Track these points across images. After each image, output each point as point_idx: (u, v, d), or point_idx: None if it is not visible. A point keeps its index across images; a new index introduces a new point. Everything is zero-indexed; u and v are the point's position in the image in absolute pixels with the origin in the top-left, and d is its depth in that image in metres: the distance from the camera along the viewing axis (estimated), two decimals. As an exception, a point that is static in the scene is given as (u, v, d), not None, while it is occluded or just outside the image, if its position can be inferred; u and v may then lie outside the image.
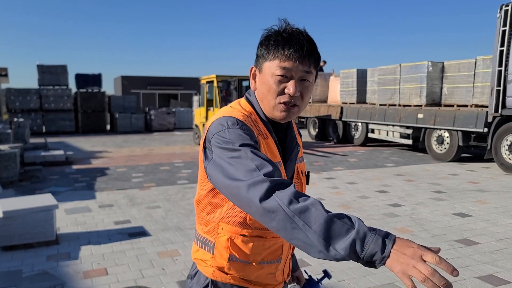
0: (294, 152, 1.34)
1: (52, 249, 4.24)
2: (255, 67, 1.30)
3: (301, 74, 1.21)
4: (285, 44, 1.19)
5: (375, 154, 11.32)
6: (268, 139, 1.27)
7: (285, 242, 1.33)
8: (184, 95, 33.93)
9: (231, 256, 1.27)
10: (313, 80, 1.26)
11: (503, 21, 8.32)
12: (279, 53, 1.19)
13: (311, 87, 1.25)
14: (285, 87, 1.21)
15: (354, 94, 13.29)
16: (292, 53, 1.18)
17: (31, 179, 7.87)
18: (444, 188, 6.95)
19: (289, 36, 1.20)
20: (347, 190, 6.87)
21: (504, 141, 8.52)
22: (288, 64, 1.19)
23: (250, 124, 1.24)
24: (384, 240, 0.92)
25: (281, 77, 1.20)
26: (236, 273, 1.30)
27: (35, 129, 18.28)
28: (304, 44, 1.19)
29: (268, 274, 1.32)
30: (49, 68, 19.14)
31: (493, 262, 3.82)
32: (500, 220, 5.11)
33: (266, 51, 1.23)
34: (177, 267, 3.76)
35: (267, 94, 1.24)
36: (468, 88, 9.64)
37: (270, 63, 1.21)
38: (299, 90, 1.21)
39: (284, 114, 1.24)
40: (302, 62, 1.19)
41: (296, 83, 1.20)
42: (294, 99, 1.22)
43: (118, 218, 5.33)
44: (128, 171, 8.90)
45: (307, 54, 1.19)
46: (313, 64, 1.22)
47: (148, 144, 14.59)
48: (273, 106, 1.24)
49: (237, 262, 1.28)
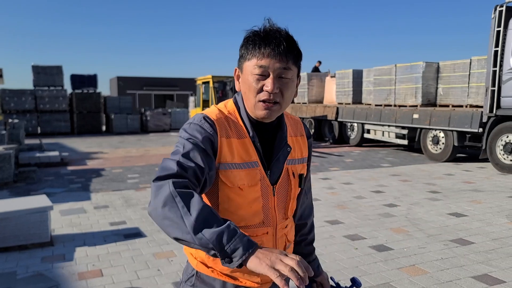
0: (282, 153, 1.34)
1: (47, 250, 4.22)
2: (238, 68, 1.33)
3: (278, 71, 1.22)
4: (262, 43, 1.21)
5: (371, 155, 11.34)
6: (244, 138, 1.29)
7: (266, 240, 1.33)
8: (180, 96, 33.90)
9: None
10: (294, 76, 1.27)
11: (498, 21, 8.36)
12: (256, 52, 1.22)
13: (291, 84, 1.26)
14: (263, 85, 1.23)
15: (350, 94, 13.32)
16: (268, 51, 1.20)
17: (26, 180, 7.84)
18: (439, 188, 6.97)
19: (266, 35, 1.22)
20: (343, 190, 6.88)
21: (499, 141, 8.56)
22: (264, 62, 1.21)
23: (223, 123, 1.28)
24: (250, 241, 0.99)
25: (259, 75, 1.22)
26: (215, 266, 1.32)
27: (30, 130, 18.21)
28: (281, 42, 1.21)
29: (250, 272, 1.28)
30: (44, 68, 19.07)
31: (488, 261, 3.84)
32: (495, 220, 5.13)
33: (246, 51, 1.26)
34: (173, 268, 3.75)
35: (248, 93, 1.27)
36: (463, 88, 9.69)
37: (249, 63, 1.24)
38: (278, 87, 1.23)
39: (265, 112, 1.25)
40: (279, 59, 1.21)
41: (274, 80, 1.22)
42: (274, 96, 1.23)
43: (113, 219, 5.32)
44: (124, 172, 8.87)
45: (284, 51, 1.21)
46: (291, 60, 1.23)
47: (144, 145, 14.56)
48: (254, 104, 1.26)
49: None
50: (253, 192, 1.29)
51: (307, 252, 1.60)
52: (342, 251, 4.11)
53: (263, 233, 1.32)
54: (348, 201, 6.14)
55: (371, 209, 5.68)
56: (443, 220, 5.14)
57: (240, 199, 1.28)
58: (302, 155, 1.44)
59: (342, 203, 6.03)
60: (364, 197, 6.39)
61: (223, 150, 1.25)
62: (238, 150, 1.27)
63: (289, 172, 1.37)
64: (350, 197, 6.42)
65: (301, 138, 1.46)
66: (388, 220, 5.19)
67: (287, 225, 1.41)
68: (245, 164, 1.28)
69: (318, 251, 4.01)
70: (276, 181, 1.34)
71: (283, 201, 1.37)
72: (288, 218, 1.42)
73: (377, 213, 5.48)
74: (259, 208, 1.31)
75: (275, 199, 1.34)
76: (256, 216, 1.30)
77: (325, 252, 4.08)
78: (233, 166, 1.26)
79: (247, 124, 1.31)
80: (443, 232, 4.70)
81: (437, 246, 4.25)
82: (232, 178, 1.26)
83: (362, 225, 4.97)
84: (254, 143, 1.30)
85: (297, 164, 1.41)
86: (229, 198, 1.28)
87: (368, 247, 4.24)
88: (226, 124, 1.29)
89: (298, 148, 1.43)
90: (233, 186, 1.27)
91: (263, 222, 1.32)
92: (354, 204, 5.96)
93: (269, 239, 1.34)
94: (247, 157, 1.28)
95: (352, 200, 6.20)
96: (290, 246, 1.46)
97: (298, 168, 1.41)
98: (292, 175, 1.38)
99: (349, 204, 5.97)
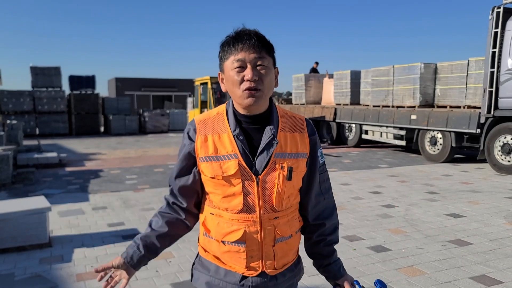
0: (268, 146, 1.43)
1: (45, 252, 4.22)
2: (220, 71, 1.49)
3: (254, 61, 1.38)
4: (235, 41, 1.39)
5: (369, 155, 11.36)
6: (225, 133, 1.44)
7: (250, 228, 1.43)
8: (178, 97, 33.85)
9: (204, 232, 1.51)
10: (270, 64, 1.42)
11: (495, 23, 8.40)
12: (231, 50, 1.40)
13: (268, 71, 1.40)
14: (244, 76, 1.38)
15: (348, 95, 13.33)
16: (241, 45, 1.38)
17: (24, 181, 7.83)
18: (437, 189, 6.99)
19: (237, 35, 1.41)
20: (341, 191, 6.89)
21: (496, 142, 8.58)
22: (241, 55, 1.38)
23: (204, 124, 1.48)
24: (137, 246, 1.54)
25: (239, 68, 1.38)
26: (208, 249, 1.51)
27: (28, 131, 18.16)
28: (252, 37, 1.38)
29: (236, 257, 1.45)
30: (42, 70, 19.05)
31: (485, 262, 3.85)
32: (492, 221, 5.15)
33: (223, 53, 1.43)
34: (171, 269, 3.75)
35: (232, 88, 1.42)
36: (461, 89, 9.72)
37: (228, 61, 1.41)
38: (257, 75, 1.38)
39: (251, 100, 1.39)
40: (253, 50, 1.38)
41: (252, 69, 1.37)
42: (255, 83, 1.38)
43: (111, 220, 5.31)
44: (122, 173, 8.87)
45: (255, 43, 1.38)
46: (264, 50, 1.40)
47: (142, 146, 14.55)
48: (240, 95, 1.40)
49: (207, 238, 1.51)
50: (232, 181, 1.41)
51: (326, 253, 1.61)
52: (340, 252, 4.11)
53: (245, 219, 1.43)
54: (346, 202, 6.15)
55: (369, 210, 5.69)
56: (441, 221, 5.16)
57: (220, 188, 1.43)
58: (297, 150, 1.48)
59: (340, 204, 6.04)
60: (362, 198, 6.40)
61: (198, 147, 1.46)
62: (214, 145, 1.44)
63: (277, 164, 1.43)
64: (348, 198, 6.43)
65: (300, 134, 1.51)
66: (386, 221, 5.20)
67: (278, 217, 1.45)
68: (220, 157, 1.42)
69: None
70: (261, 172, 1.42)
71: (269, 192, 1.43)
72: (281, 211, 1.46)
73: (375, 214, 5.49)
74: (240, 196, 1.42)
75: (259, 189, 1.42)
76: (237, 203, 1.43)
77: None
78: (205, 159, 1.44)
79: (231, 121, 1.45)
80: (441, 233, 4.71)
81: (435, 247, 4.26)
82: (205, 169, 1.44)
83: (360, 226, 4.97)
84: (235, 137, 1.43)
85: (287, 158, 1.45)
86: (211, 186, 1.46)
87: (366, 248, 4.24)
88: (207, 124, 1.48)
89: (293, 144, 1.48)
90: (208, 176, 1.44)
91: (246, 209, 1.42)
92: (352, 205, 5.97)
93: (254, 228, 1.43)
94: (224, 150, 1.43)
95: (350, 201, 6.21)
96: (285, 241, 1.48)
97: (289, 162, 1.45)
98: (280, 168, 1.43)
99: (347, 205, 5.98)
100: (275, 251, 1.46)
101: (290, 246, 1.51)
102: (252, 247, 1.43)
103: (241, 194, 1.41)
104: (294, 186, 1.48)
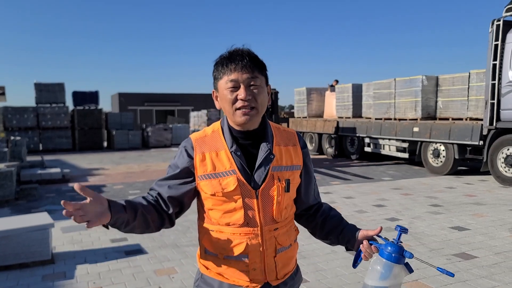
0: (265, 160, 1.47)
1: (48, 268, 4.21)
2: (214, 90, 1.53)
3: (248, 81, 1.43)
4: (228, 62, 1.44)
5: (372, 168, 11.33)
6: (222, 150, 1.47)
7: (252, 241, 1.45)
8: (181, 111, 34.02)
9: (205, 249, 1.52)
10: (263, 83, 1.47)
11: (495, 35, 8.44)
12: (225, 70, 1.44)
13: (261, 90, 1.45)
14: (237, 95, 1.43)
15: (350, 108, 13.37)
16: (234, 66, 1.42)
17: (28, 197, 7.84)
18: (441, 202, 6.95)
19: (230, 55, 1.45)
20: (344, 204, 6.87)
21: (500, 154, 8.56)
22: (234, 76, 1.42)
23: (202, 142, 1.51)
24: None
25: (232, 87, 1.43)
26: (210, 266, 1.51)
27: (32, 147, 18.24)
28: (244, 57, 1.43)
29: (239, 271, 1.46)
30: (46, 86, 19.24)
31: (491, 276, 3.81)
32: (497, 234, 5.11)
33: (217, 73, 1.47)
34: (174, 285, 3.73)
35: (226, 106, 1.46)
36: (463, 101, 9.73)
37: (222, 81, 1.45)
38: (250, 94, 1.43)
39: (245, 118, 1.43)
40: (246, 70, 1.42)
41: (245, 89, 1.42)
42: (249, 102, 1.42)
43: (114, 236, 5.30)
44: (125, 188, 8.87)
45: (248, 63, 1.42)
46: (257, 70, 1.44)
47: (145, 160, 14.58)
48: (233, 114, 1.45)
49: (209, 255, 1.51)
50: (232, 197, 1.44)
51: (335, 222, 1.67)
52: (344, 266, 4.09)
53: (247, 233, 1.45)
54: (350, 215, 6.12)
55: (372, 223, 5.66)
56: (445, 234, 5.12)
57: (220, 204, 1.46)
58: (292, 163, 1.54)
59: (344, 217, 5.99)
60: (366, 211, 6.37)
61: (197, 165, 1.48)
62: (212, 162, 1.46)
63: (275, 177, 1.48)
64: (352, 211, 6.41)
65: (293, 147, 1.57)
66: (389, 234, 5.16)
67: (277, 228, 1.49)
68: (218, 174, 1.45)
69: (320, 267, 4.00)
70: (260, 186, 1.46)
71: (269, 205, 1.47)
72: (279, 222, 1.50)
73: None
74: (240, 210, 1.44)
75: (259, 202, 1.46)
76: (238, 218, 1.45)
77: (327, 267, 4.05)
78: (204, 177, 1.46)
79: (227, 138, 1.49)
80: (445, 246, 4.68)
81: (440, 260, 4.23)
82: (204, 187, 1.46)
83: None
84: (232, 154, 1.46)
85: (284, 171, 1.51)
86: (211, 203, 1.48)
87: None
88: (204, 142, 1.51)
89: (288, 157, 1.53)
90: (208, 193, 1.46)
91: (247, 223, 1.45)
92: (356, 218, 5.94)
93: (256, 240, 1.46)
94: (222, 167, 1.46)
95: (354, 214, 6.18)
96: (285, 251, 1.52)
97: (285, 175, 1.51)
98: (278, 180, 1.47)
99: (350, 218, 5.95)
100: (277, 261, 1.50)
101: (290, 255, 1.57)
102: (255, 259, 1.46)
103: (242, 209, 1.44)
104: (290, 197, 1.55)
